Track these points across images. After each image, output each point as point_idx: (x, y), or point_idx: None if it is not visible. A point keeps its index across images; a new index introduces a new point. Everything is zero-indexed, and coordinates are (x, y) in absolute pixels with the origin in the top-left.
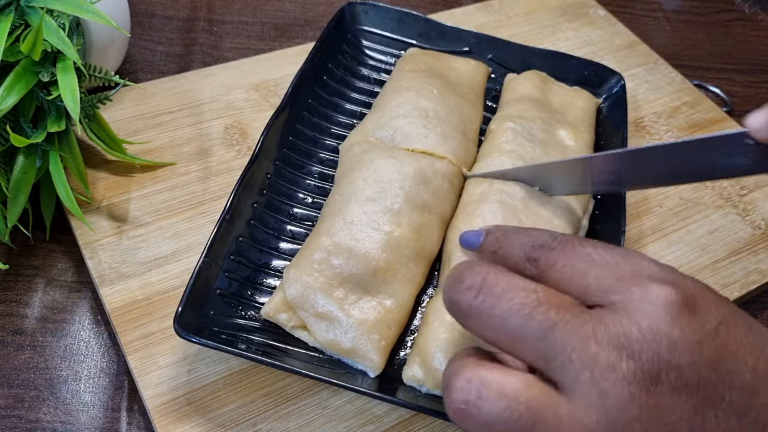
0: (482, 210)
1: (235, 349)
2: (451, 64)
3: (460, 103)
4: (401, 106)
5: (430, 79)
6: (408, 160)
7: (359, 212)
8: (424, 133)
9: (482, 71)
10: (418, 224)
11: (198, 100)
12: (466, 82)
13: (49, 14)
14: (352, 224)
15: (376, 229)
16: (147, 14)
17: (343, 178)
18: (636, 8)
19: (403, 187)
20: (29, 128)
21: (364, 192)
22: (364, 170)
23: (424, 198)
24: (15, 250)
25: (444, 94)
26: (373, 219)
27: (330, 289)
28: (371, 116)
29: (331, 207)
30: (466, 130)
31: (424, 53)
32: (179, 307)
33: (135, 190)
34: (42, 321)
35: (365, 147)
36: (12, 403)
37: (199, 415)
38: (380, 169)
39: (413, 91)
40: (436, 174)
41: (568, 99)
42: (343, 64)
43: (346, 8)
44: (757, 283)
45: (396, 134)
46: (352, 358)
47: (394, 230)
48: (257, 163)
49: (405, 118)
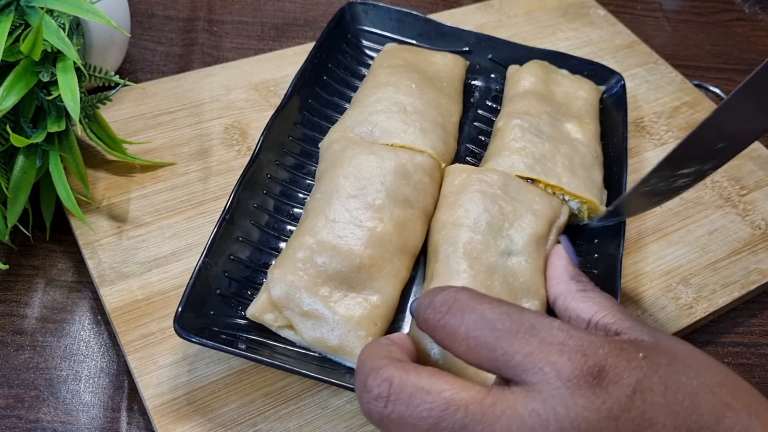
0: (463, 200)
1: (235, 349)
2: (429, 58)
3: (438, 97)
4: (379, 102)
5: (408, 74)
6: (388, 156)
7: (341, 209)
8: (403, 128)
9: (460, 64)
10: (401, 219)
11: (198, 100)
12: (445, 76)
13: (49, 14)
14: (335, 222)
15: (358, 226)
16: (147, 14)
17: (323, 175)
18: (636, 8)
19: (384, 182)
20: (29, 128)
21: (346, 189)
22: (344, 167)
23: (406, 192)
24: (15, 250)
25: (422, 89)
26: (355, 216)
27: (315, 288)
28: (350, 112)
29: (313, 205)
30: (445, 124)
31: (402, 48)
32: (179, 307)
33: (135, 190)
34: (42, 321)
35: (344, 144)
36: (12, 403)
37: (199, 415)
38: (361, 165)
39: (391, 87)
40: (417, 168)
41: (572, 90)
42: (343, 64)
43: (346, 8)
44: (757, 283)
45: (375, 130)
46: (340, 356)
47: (376, 226)
48: (257, 163)
49: (384, 113)
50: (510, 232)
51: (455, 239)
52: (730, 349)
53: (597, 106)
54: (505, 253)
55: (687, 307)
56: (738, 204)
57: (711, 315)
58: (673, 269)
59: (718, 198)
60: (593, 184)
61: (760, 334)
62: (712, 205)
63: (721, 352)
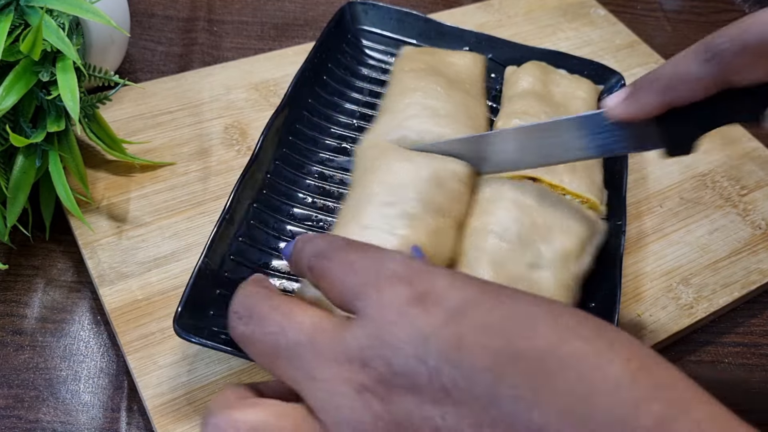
0: (495, 208)
1: (234, 350)
2: (447, 59)
3: (465, 99)
4: (410, 107)
5: (434, 78)
6: (423, 163)
7: (375, 216)
8: (438, 132)
9: (480, 63)
10: (434, 228)
11: (198, 99)
12: (467, 78)
13: (49, 14)
14: (366, 228)
15: (391, 234)
16: (147, 14)
17: (358, 182)
18: (636, 8)
19: (418, 190)
20: (29, 128)
21: (379, 196)
22: (378, 174)
23: (439, 201)
24: (14, 250)
25: (449, 92)
26: (388, 223)
27: None
28: (381, 120)
29: (345, 212)
30: (476, 126)
31: (420, 51)
32: (179, 307)
33: (135, 190)
34: (42, 321)
35: (379, 151)
36: (12, 404)
37: (199, 415)
38: (395, 173)
39: (420, 92)
40: (450, 176)
41: (570, 90)
42: (343, 64)
43: (346, 8)
44: (757, 283)
45: (410, 135)
46: None
47: (409, 234)
48: (257, 162)
49: (416, 118)
50: (539, 245)
51: (482, 245)
52: (730, 349)
53: (596, 105)
54: (532, 266)
55: (687, 307)
56: (738, 204)
57: (711, 315)
58: (674, 269)
59: (719, 198)
60: (593, 184)
61: (761, 334)
62: (712, 205)
63: (721, 352)
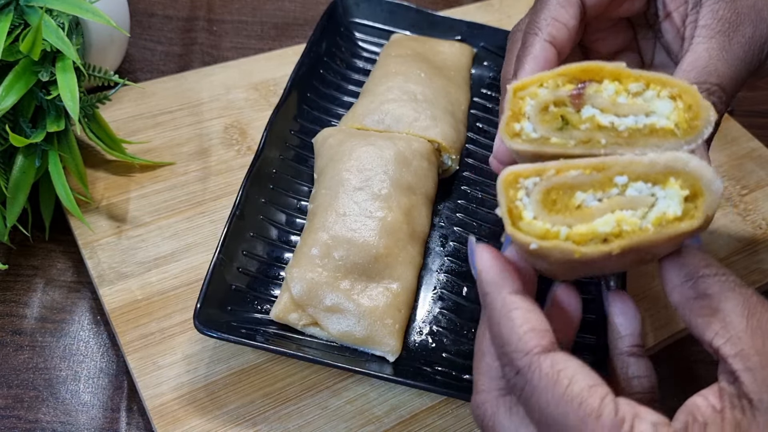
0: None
1: (256, 343)
2: (436, 48)
3: (447, 86)
4: (390, 91)
5: (417, 63)
6: (386, 145)
7: (350, 203)
8: (414, 116)
9: (467, 53)
10: (407, 206)
11: (197, 99)
12: (452, 65)
13: (49, 14)
14: (346, 215)
15: (369, 217)
16: (147, 14)
17: (324, 171)
18: None
19: (387, 171)
20: (28, 128)
21: (350, 182)
22: (345, 161)
23: (408, 179)
24: (14, 250)
25: (431, 78)
26: (364, 207)
27: (335, 282)
28: (361, 101)
29: (319, 201)
30: (455, 112)
31: (410, 38)
32: (198, 303)
33: (134, 190)
34: (41, 321)
35: (341, 137)
36: (11, 404)
37: (198, 415)
38: (361, 157)
39: (401, 76)
40: (415, 154)
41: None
42: (338, 57)
43: (338, 1)
44: (757, 283)
45: (386, 118)
46: (369, 346)
47: (386, 215)
48: (262, 157)
49: (395, 102)
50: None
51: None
52: None
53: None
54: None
55: None
56: (738, 204)
57: None
58: None
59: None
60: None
61: None
62: None
63: None
